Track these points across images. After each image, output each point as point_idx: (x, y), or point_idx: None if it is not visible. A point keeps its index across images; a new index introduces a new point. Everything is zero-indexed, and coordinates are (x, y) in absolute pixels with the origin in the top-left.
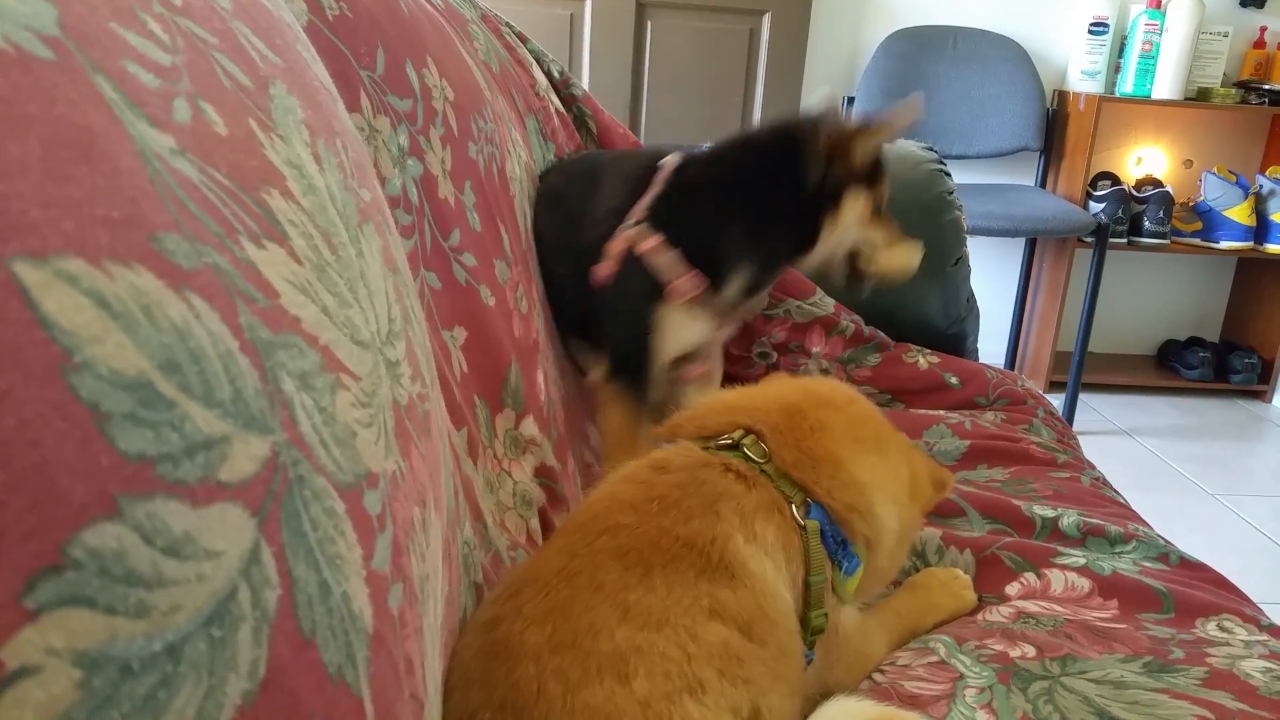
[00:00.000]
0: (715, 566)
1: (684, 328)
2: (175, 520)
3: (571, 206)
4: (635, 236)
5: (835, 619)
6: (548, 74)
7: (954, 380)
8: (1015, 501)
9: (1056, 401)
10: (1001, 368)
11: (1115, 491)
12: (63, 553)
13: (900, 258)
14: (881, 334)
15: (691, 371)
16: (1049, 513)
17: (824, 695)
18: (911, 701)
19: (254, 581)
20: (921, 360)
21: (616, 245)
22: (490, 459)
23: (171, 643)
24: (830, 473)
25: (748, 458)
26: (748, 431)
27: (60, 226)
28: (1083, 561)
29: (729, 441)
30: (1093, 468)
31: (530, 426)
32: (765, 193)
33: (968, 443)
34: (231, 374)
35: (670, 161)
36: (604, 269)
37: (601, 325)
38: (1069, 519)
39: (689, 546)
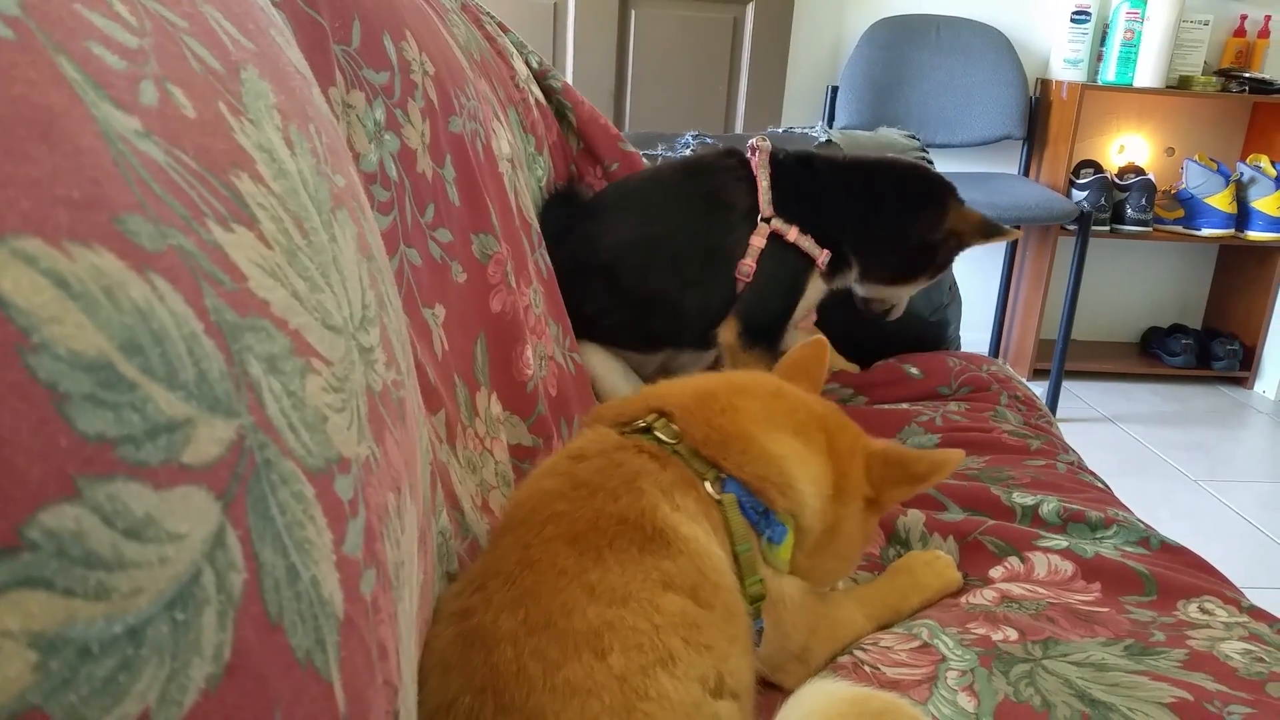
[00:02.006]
0: (652, 538)
1: (815, 290)
2: (136, 502)
3: (659, 229)
4: (779, 229)
5: (778, 588)
6: (527, 65)
7: (915, 371)
8: (994, 491)
9: (1040, 389)
10: (967, 353)
11: (1093, 475)
12: (19, 534)
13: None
14: None
15: (806, 322)
16: (1029, 500)
17: (800, 663)
18: (893, 685)
19: (218, 565)
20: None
21: (756, 240)
22: (473, 438)
23: (132, 625)
24: (740, 448)
25: (659, 439)
26: (660, 414)
27: (17, 206)
28: (1065, 545)
29: (642, 425)
30: (1067, 451)
31: (496, 405)
32: (889, 223)
33: (938, 437)
34: (195, 356)
35: (761, 155)
36: (748, 264)
37: (711, 307)
38: (1049, 506)
39: (624, 523)
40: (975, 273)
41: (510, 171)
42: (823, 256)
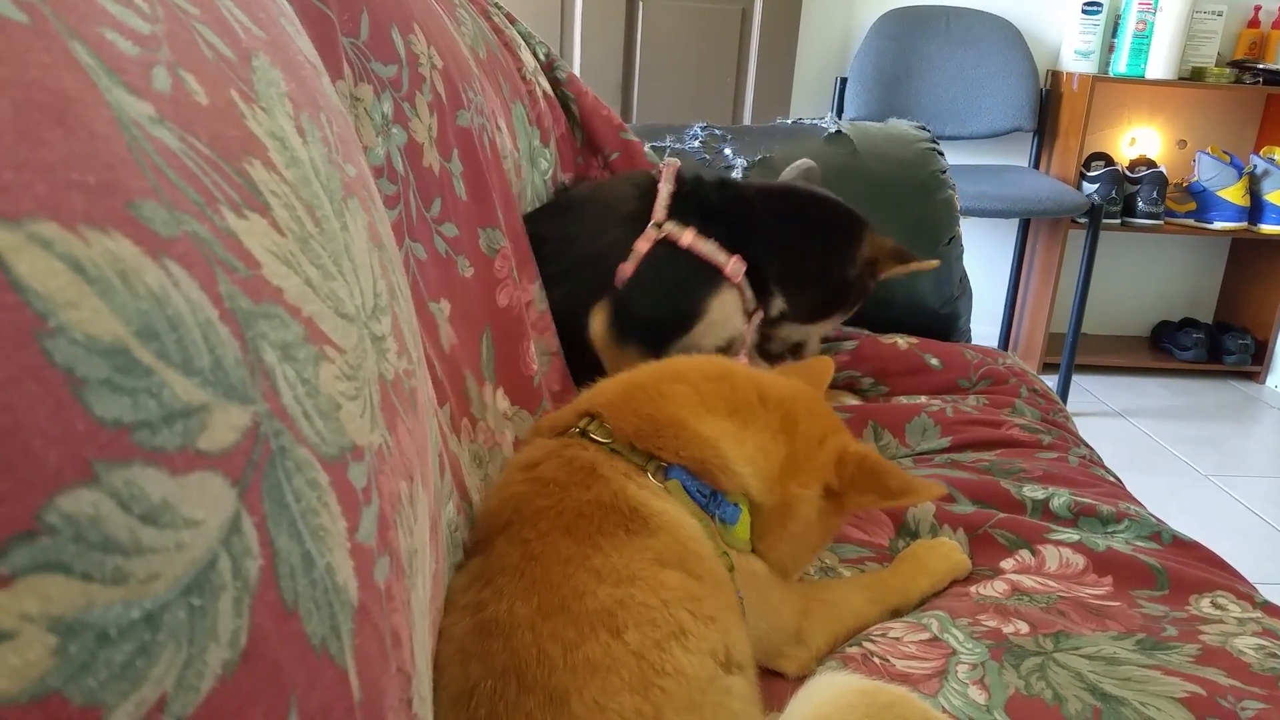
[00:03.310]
0: (631, 518)
1: (735, 310)
2: (153, 488)
3: (566, 230)
4: (670, 233)
5: (748, 565)
6: (535, 56)
7: (935, 361)
8: (1004, 485)
9: (1050, 383)
10: (983, 346)
11: (1106, 470)
12: (37, 518)
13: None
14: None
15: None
16: (1040, 494)
17: (798, 646)
18: (903, 678)
19: (235, 551)
20: (900, 341)
21: (641, 244)
22: (484, 431)
23: (150, 611)
24: (674, 433)
25: (594, 440)
26: (591, 417)
27: (33, 190)
28: (1077, 538)
29: (576, 430)
30: (1080, 445)
31: (503, 400)
32: (810, 253)
33: (949, 439)
34: (211, 343)
35: (668, 169)
36: (627, 268)
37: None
38: (1060, 499)
39: (603, 507)
40: (984, 265)
41: (512, 169)
42: (732, 263)
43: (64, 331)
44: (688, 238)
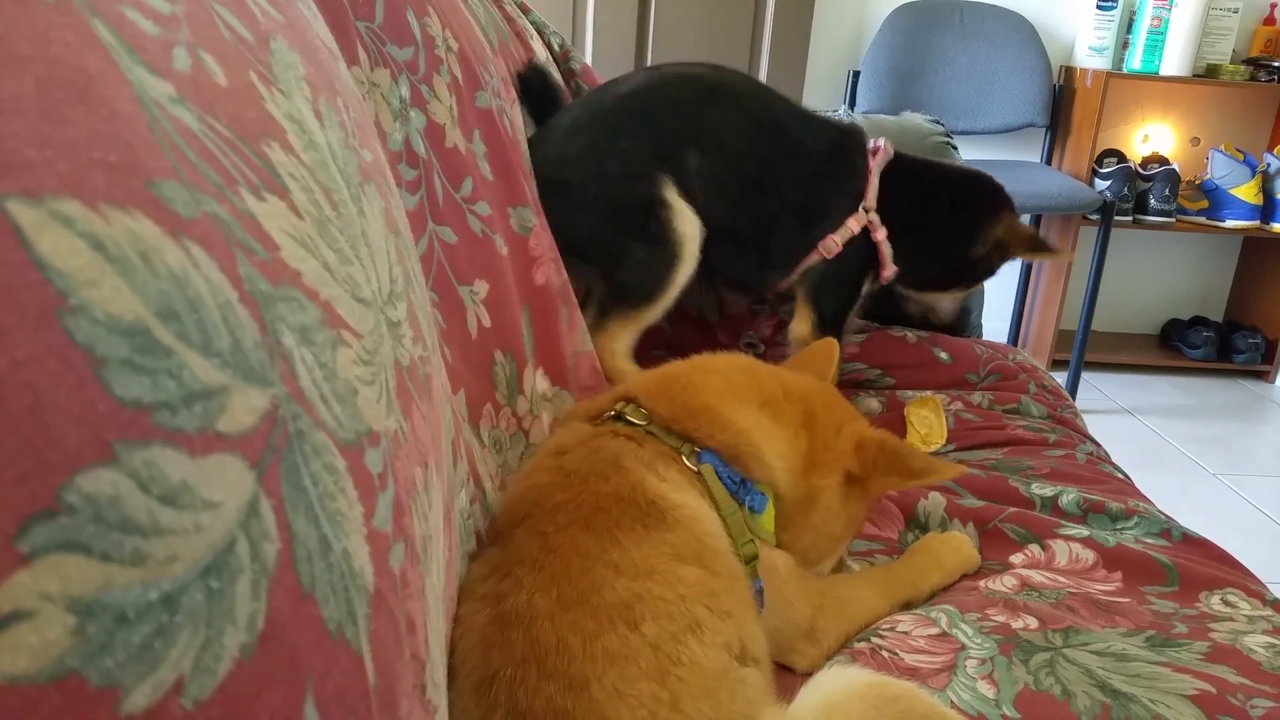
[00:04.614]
0: (648, 512)
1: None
2: (172, 469)
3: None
4: (873, 223)
5: (770, 558)
6: (548, 46)
7: (944, 356)
8: (1013, 483)
9: (1059, 380)
10: (992, 341)
11: (1114, 466)
12: (57, 497)
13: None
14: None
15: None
16: (1048, 491)
17: (810, 642)
18: (912, 672)
19: (253, 534)
20: (910, 335)
21: (853, 225)
22: (506, 418)
23: (168, 592)
24: (708, 419)
25: (630, 422)
26: (627, 401)
27: (55, 167)
28: (1086, 534)
29: (613, 414)
30: (1086, 441)
31: (543, 380)
32: (946, 238)
33: (952, 445)
34: (230, 324)
35: (880, 156)
36: (835, 241)
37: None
38: (1069, 497)
39: (621, 501)
40: None
41: (529, 152)
42: (890, 271)
43: (85, 310)
44: (881, 235)
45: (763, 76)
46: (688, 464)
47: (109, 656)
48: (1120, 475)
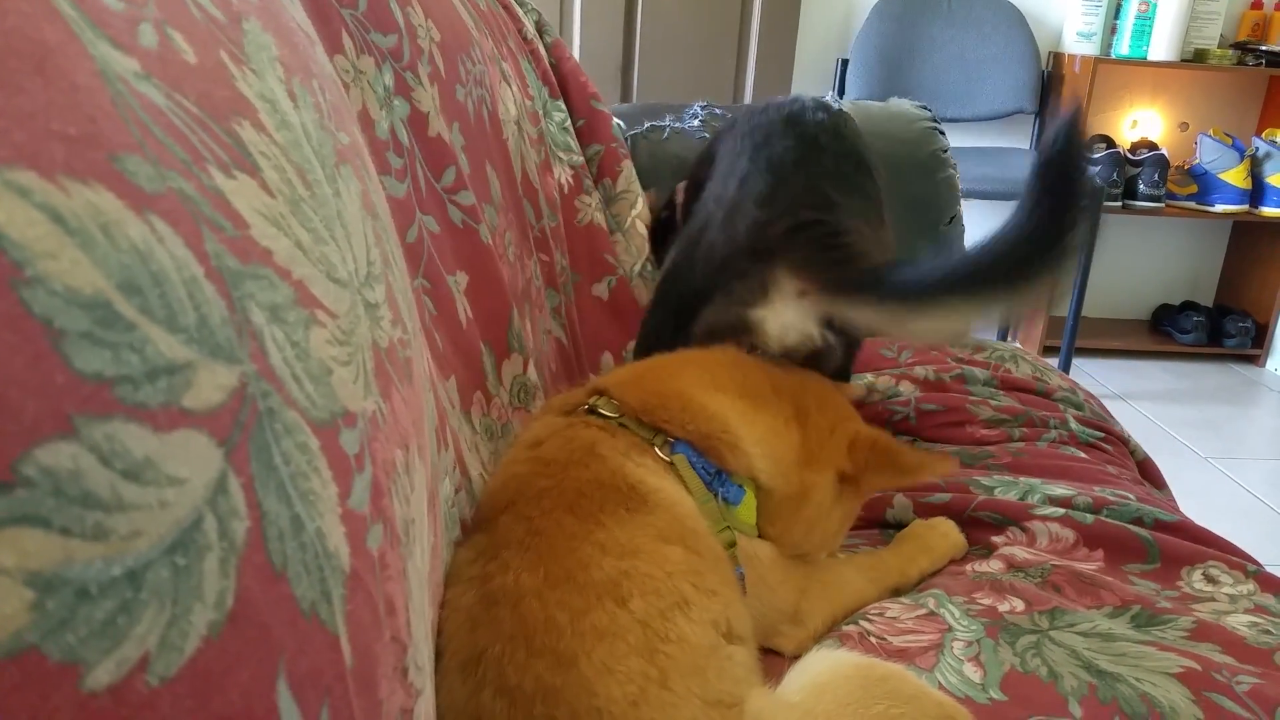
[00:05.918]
0: (630, 496)
1: None
2: (135, 444)
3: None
4: None
5: (751, 547)
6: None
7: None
8: (975, 483)
9: (1052, 365)
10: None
11: (1077, 447)
12: (14, 470)
13: None
14: None
15: None
16: (1013, 494)
17: (796, 625)
18: (900, 653)
19: (221, 511)
20: None
21: None
22: (497, 407)
23: (132, 568)
24: (680, 406)
25: (602, 414)
26: (599, 394)
27: (10, 137)
28: (1063, 513)
29: (585, 407)
30: (1052, 426)
31: (533, 373)
32: None
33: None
34: (196, 300)
35: None
36: None
37: None
38: (1036, 496)
39: (603, 486)
40: None
41: (516, 135)
42: None
43: (42, 281)
44: None
45: (751, 64)
46: (660, 454)
47: (70, 632)
48: (1081, 455)
